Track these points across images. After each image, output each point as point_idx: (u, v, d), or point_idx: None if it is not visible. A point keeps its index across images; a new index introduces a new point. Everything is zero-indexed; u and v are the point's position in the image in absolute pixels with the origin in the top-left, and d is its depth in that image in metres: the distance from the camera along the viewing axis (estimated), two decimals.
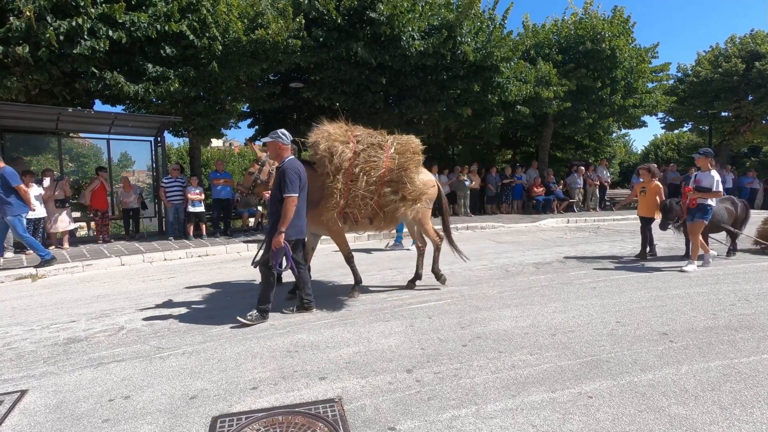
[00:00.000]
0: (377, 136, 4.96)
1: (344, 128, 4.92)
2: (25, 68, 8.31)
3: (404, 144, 4.90)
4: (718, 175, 6.30)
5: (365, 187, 4.67)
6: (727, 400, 2.73)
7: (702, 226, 6.28)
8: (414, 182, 4.80)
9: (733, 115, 20.43)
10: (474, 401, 2.78)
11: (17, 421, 2.72)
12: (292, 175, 4.21)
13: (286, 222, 4.17)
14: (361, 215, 4.84)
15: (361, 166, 4.66)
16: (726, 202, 7.34)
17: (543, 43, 15.84)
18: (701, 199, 6.29)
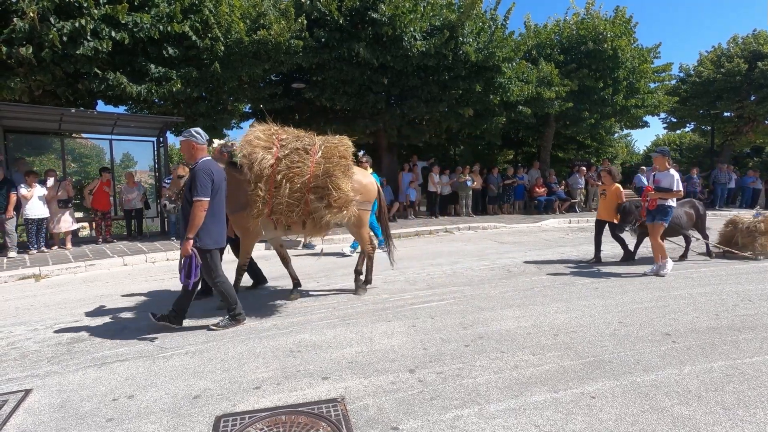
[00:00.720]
0: (305, 138, 4.72)
1: (271, 131, 4.72)
2: (28, 69, 8.34)
3: (332, 148, 4.64)
4: (678, 174, 6.10)
5: (290, 194, 4.45)
6: (730, 401, 2.72)
7: (662, 228, 6.09)
8: (340, 189, 4.52)
9: (736, 115, 20.39)
10: (477, 401, 2.79)
11: (22, 420, 2.73)
12: (203, 178, 3.94)
13: (194, 228, 3.87)
14: (289, 222, 4.66)
15: (284, 173, 4.44)
16: (686, 206, 7.12)
17: (545, 43, 15.83)
18: (661, 199, 6.07)
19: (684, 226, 6.90)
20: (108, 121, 10.14)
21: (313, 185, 4.51)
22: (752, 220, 7.22)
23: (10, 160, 9.56)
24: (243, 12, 10.37)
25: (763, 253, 7.01)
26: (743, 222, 7.27)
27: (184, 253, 3.89)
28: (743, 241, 7.10)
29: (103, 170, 10.13)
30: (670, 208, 6.07)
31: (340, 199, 4.53)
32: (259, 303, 5.19)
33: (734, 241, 7.21)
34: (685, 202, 7.15)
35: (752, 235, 7.04)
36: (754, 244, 7.00)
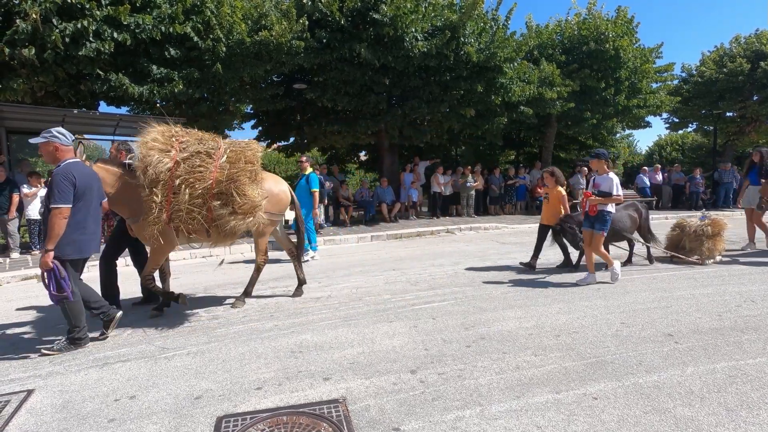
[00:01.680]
0: (209, 142, 4.44)
1: (171, 133, 4.42)
2: (30, 70, 8.37)
3: (238, 152, 4.39)
4: (617, 177, 5.72)
5: (190, 200, 4.17)
6: (733, 402, 2.71)
7: (602, 238, 5.68)
8: (246, 195, 4.29)
9: (738, 115, 20.33)
10: (478, 402, 2.78)
11: (24, 420, 2.74)
12: (61, 183, 3.61)
13: (54, 239, 3.54)
14: (191, 230, 4.36)
15: (184, 178, 4.16)
16: (629, 209, 6.74)
17: (546, 43, 15.81)
18: (601, 205, 5.66)
19: (628, 230, 6.58)
20: (110, 122, 10.17)
21: (217, 191, 4.25)
22: (699, 223, 6.88)
23: (12, 161, 9.60)
24: (244, 13, 10.39)
25: (711, 257, 6.73)
26: (690, 225, 6.90)
27: (44, 267, 3.56)
28: (690, 245, 6.79)
29: None
30: (608, 215, 5.67)
31: (246, 206, 4.29)
32: (259, 304, 5.19)
33: (681, 245, 6.90)
34: (628, 205, 6.83)
35: (699, 239, 6.72)
36: (701, 248, 6.67)
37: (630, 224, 6.62)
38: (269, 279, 6.53)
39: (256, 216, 4.42)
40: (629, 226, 6.61)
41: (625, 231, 6.54)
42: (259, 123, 14.99)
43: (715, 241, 6.73)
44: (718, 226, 6.77)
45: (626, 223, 6.56)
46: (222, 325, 4.42)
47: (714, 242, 6.72)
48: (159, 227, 4.19)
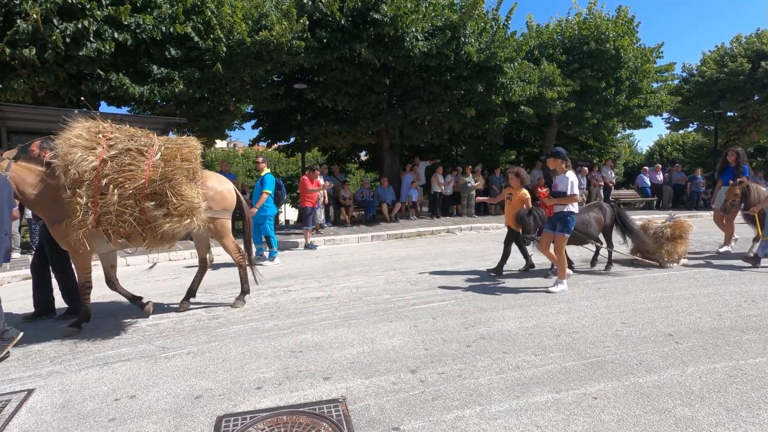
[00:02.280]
0: (141, 138, 4.15)
1: (98, 129, 4.12)
2: (31, 70, 8.38)
3: (174, 149, 4.11)
4: (574, 176, 5.45)
5: (120, 202, 3.87)
6: (733, 402, 2.71)
7: (564, 240, 5.38)
8: (183, 195, 3.98)
9: (739, 115, 20.31)
10: (478, 402, 2.78)
11: (24, 419, 2.74)
12: None
13: None
14: (123, 233, 4.03)
15: (112, 177, 3.86)
16: (593, 210, 6.49)
17: (547, 43, 15.80)
18: (559, 206, 5.40)
19: (592, 233, 6.29)
20: None
21: (150, 191, 3.94)
22: (660, 225, 6.76)
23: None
24: (245, 13, 10.39)
25: (670, 259, 6.57)
26: (651, 227, 6.80)
27: None
28: (652, 248, 6.64)
29: None
30: (571, 217, 5.35)
31: (182, 207, 3.98)
32: (259, 304, 5.20)
33: (645, 248, 6.73)
34: (592, 206, 6.65)
35: (659, 241, 6.58)
36: (660, 251, 6.53)
37: (595, 226, 6.33)
38: (269, 279, 6.53)
39: (195, 218, 4.09)
40: (594, 228, 6.33)
41: (590, 233, 6.26)
42: (260, 123, 15.01)
43: (676, 243, 6.55)
44: (681, 228, 6.61)
45: (591, 225, 6.27)
46: (222, 324, 4.43)
47: (674, 245, 6.54)
48: (85, 231, 3.87)
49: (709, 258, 7.28)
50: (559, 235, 5.37)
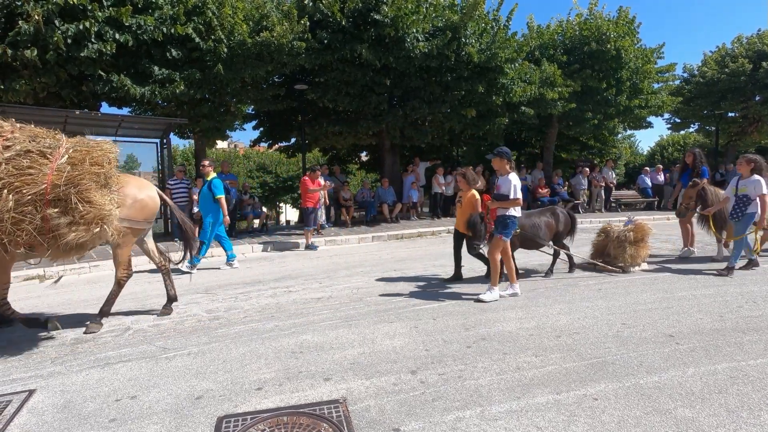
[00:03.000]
0: (45, 140, 3.79)
1: None
2: (33, 71, 8.39)
3: (84, 153, 3.78)
4: (517, 178, 5.14)
5: (17, 208, 3.48)
6: (734, 403, 2.71)
7: (500, 243, 5.08)
8: (92, 202, 3.67)
9: (740, 115, 20.29)
10: (479, 402, 2.78)
11: (25, 420, 2.75)
12: None
13: None
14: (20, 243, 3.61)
15: (7, 181, 3.49)
16: (546, 214, 6.24)
17: (548, 43, 15.79)
18: (501, 209, 5.13)
19: (543, 237, 6.04)
20: (112, 123, 10.20)
21: (53, 197, 3.58)
22: (622, 229, 6.48)
23: None
24: (246, 14, 10.40)
25: (634, 264, 6.35)
26: (614, 231, 6.52)
27: None
28: (614, 252, 6.39)
29: None
30: (511, 220, 5.10)
31: (90, 215, 3.66)
32: (260, 304, 5.20)
33: (607, 252, 6.50)
34: (545, 210, 6.41)
35: (622, 245, 6.31)
36: (624, 255, 6.27)
37: (545, 231, 6.07)
38: (270, 279, 6.54)
39: (106, 226, 3.77)
40: (544, 233, 6.06)
41: (539, 238, 5.98)
42: (261, 124, 15.03)
43: (638, 247, 6.35)
44: (642, 231, 6.40)
45: (540, 230, 6.01)
46: (223, 325, 4.43)
47: (637, 248, 6.33)
48: None
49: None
50: (496, 237, 5.13)
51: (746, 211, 6.13)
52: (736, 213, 6.22)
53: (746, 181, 6.17)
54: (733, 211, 6.26)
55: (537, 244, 6.11)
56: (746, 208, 6.13)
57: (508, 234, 5.11)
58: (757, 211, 6.10)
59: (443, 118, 13.45)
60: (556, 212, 6.34)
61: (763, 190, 6.02)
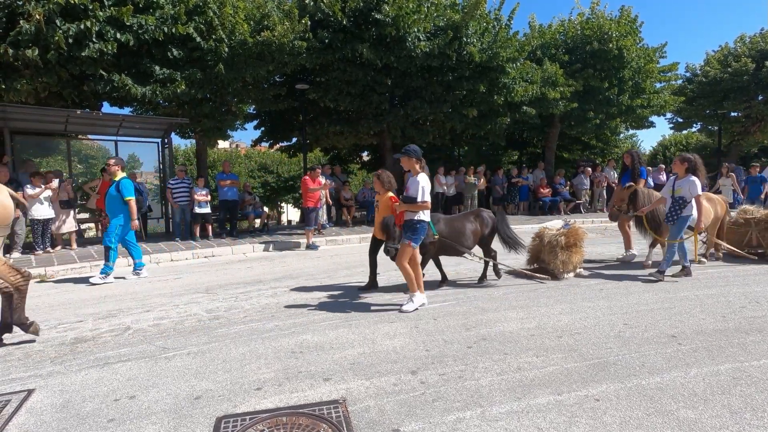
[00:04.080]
0: None
1: None
2: (34, 71, 8.40)
3: None
4: (427, 179, 4.71)
5: None
6: (737, 404, 2.68)
7: (408, 249, 4.65)
8: None
9: (743, 115, 20.21)
10: (479, 403, 2.76)
11: (24, 420, 2.74)
12: None
13: None
14: None
15: None
16: (470, 218, 5.79)
17: (549, 43, 15.77)
18: (410, 213, 4.67)
19: (467, 244, 5.60)
20: (113, 123, 10.21)
21: None
22: (554, 233, 6.11)
23: (17, 161, 9.64)
24: (247, 13, 10.40)
25: (565, 270, 5.97)
26: (546, 235, 6.18)
27: None
28: (547, 258, 6.07)
29: (104, 170, 10.19)
30: (420, 225, 4.66)
31: None
32: (260, 304, 5.19)
33: (541, 258, 6.21)
34: (469, 214, 5.93)
35: (554, 250, 5.96)
36: (555, 261, 5.93)
37: (471, 237, 5.65)
38: (271, 279, 6.53)
39: None
40: (470, 240, 5.63)
41: (465, 244, 5.56)
42: (262, 123, 15.03)
43: (571, 252, 5.99)
44: (576, 236, 6.07)
45: (466, 236, 5.59)
46: (222, 325, 4.42)
47: (569, 254, 5.97)
48: None
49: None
50: (404, 242, 4.68)
51: (681, 213, 5.77)
52: (671, 215, 5.85)
53: (681, 182, 5.81)
54: (669, 213, 5.89)
55: (458, 251, 5.59)
56: (681, 210, 5.77)
57: (416, 240, 4.68)
58: (692, 214, 5.76)
59: (444, 118, 13.43)
60: (481, 216, 5.88)
61: (699, 191, 5.70)
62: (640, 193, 6.49)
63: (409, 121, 13.18)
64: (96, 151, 17.48)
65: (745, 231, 7.10)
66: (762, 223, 6.95)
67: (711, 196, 6.97)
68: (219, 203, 11.04)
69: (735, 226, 7.20)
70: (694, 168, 5.82)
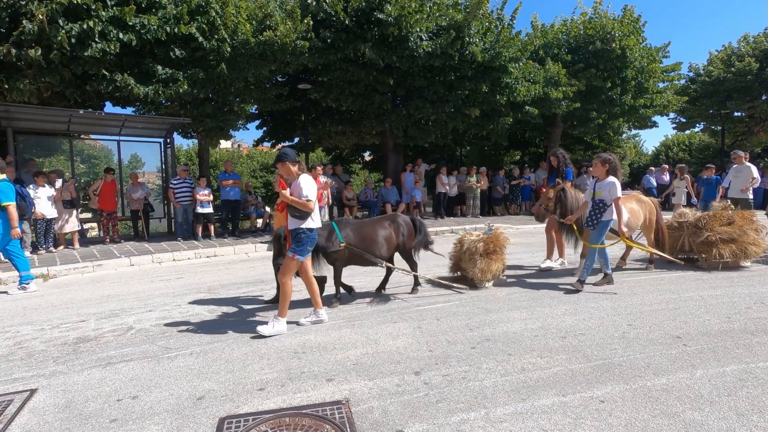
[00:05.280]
0: None
1: None
2: (37, 71, 8.41)
3: None
4: (309, 181, 4.10)
5: None
6: (743, 406, 2.66)
7: (293, 264, 4.07)
8: None
9: (747, 115, 20.14)
10: (483, 404, 2.74)
11: (26, 420, 2.73)
12: None
13: None
14: None
15: None
16: (383, 224, 5.18)
17: (552, 43, 15.73)
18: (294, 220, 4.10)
19: (380, 253, 4.99)
20: (116, 122, 10.22)
21: None
22: (473, 239, 5.66)
23: (19, 161, 9.66)
24: (249, 13, 10.40)
25: (483, 279, 5.52)
26: (465, 242, 5.72)
27: None
28: (466, 266, 5.60)
29: (107, 170, 10.21)
30: (306, 234, 4.08)
31: None
32: (263, 304, 5.18)
33: (461, 265, 5.81)
34: (383, 219, 5.33)
35: (473, 258, 5.47)
36: (474, 269, 5.45)
37: (384, 245, 5.03)
38: (273, 279, 6.50)
39: None
40: (383, 248, 5.02)
41: (370, 255, 4.93)
42: (264, 123, 15.03)
43: (490, 260, 5.52)
44: (496, 242, 5.62)
45: (378, 243, 4.99)
46: (225, 325, 4.41)
47: (489, 261, 5.50)
48: None
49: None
50: (288, 256, 4.11)
51: (601, 218, 5.37)
52: (591, 220, 5.44)
53: (601, 184, 5.41)
54: (589, 217, 5.48)
55: (366, 261, 4.99)
56: (601, 214, 5.37)
57: (302, 252, 4.08)
58: (613, 218, 5.39)
59: (447, 118, 13.41)
60: (396, 221, 5.26)
61: (618, 194, 5.31)
62: (568, 194, 5.94)
63: (411, 120, 13.17)
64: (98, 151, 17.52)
65: (678, 235, 6.69)
66: (692, 227, 6.51)
67: (641, 198, 6.56)
68: (221, 203, 11.05)
69: (670, 230, 6.76)
70: (614, 169, 5.46)
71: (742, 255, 6.26)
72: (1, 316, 4.99)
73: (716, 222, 6.37)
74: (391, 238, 5.14)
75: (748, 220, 6.43)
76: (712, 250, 6.24)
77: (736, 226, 6.32)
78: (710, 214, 6.51)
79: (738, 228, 6.30)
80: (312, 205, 4.05)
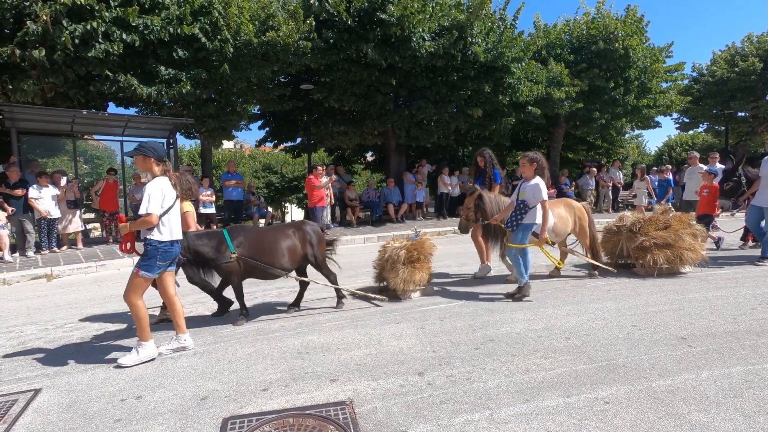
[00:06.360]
0: None
1: None
2: (41, 71, 8.45)
3: None
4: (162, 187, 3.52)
5: None
6: (750, 408, 2.64)
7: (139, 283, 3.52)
8: None
9: (751, 115, 20.07)
10: (487, 405, 2.73)
11: (30, 419, 2.74)
12: None
13: None
14: None
15: None
16: (287, 231, 4.68)
17: (555, 43, 15.70)
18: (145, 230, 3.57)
19: (281, 264, 4.46)
20: (119, 123, 10.25)
21: None
22: (396, 246, 5.21)
23: (23, 161, 9.70)
24: (252, 14, 10.42)
25: (406, 290, 5.07)
26: (387, 250, 5.25)
27: None
28: (387, 275, 5.16)
29: (109, 171, 10.24)
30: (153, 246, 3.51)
31: None
32: (267, 306, 5.18)
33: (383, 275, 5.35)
34: (287, 227, 4.82)
35: (394, 267, 5.03)
36: (396, 279, 5.01)
37: (287, 256, 4.51)
38: (272, 281, 6.51)
39: None
40: (286, 259, 4.50)
41: (271, 264, 4.41)
42: (266, 124, 15.05)
43: (413, 269, 5.05)
44: (421, 249, 5.21)
45: (279, 254, 4.47)
46: (228, 325, 4.41)
47: (411, 271, 5.03)
48: None
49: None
50: (133, 272, 3.54)
51: (522, 220, 5.02)
52: (511, 222, 5.09)
53: (526, 185, 5.08)
54: (510, 219, 5.11)
55: (267, 274, 4.49)
56: (522, 216, 5.02)
57: (150, 267, 3.49)
58: (535, 221, 5.04)
59: (449, 118, 13.40)
60: (303, 229, 4.76)
61: (544, 196, 4.96)
62: (486, 199, 5.50)
63: (413, 121, 13.17)
64: (101, 152, 17.57)
65: (618, 239, 6.28)
66: (627, 231, 6.15)
67: (569, 203, 6.22)
68: (224, 203, 11.07)
69: (609, 234, 6.44)
70: (541, 168, 5.08)
71: (677, 261, 5.86)
72: (6, 316, 5.01)
73: (652, 226, 6.02)
74: (296, 248, 4.60)
75: (685, 224, 6.08)
76: (647, 255, 5.87)
77: (671, 231, 5.95)
78: (646, 218, 6.15)
79: (674, 233, 5.93)
80: (154, 218, 3.44)
